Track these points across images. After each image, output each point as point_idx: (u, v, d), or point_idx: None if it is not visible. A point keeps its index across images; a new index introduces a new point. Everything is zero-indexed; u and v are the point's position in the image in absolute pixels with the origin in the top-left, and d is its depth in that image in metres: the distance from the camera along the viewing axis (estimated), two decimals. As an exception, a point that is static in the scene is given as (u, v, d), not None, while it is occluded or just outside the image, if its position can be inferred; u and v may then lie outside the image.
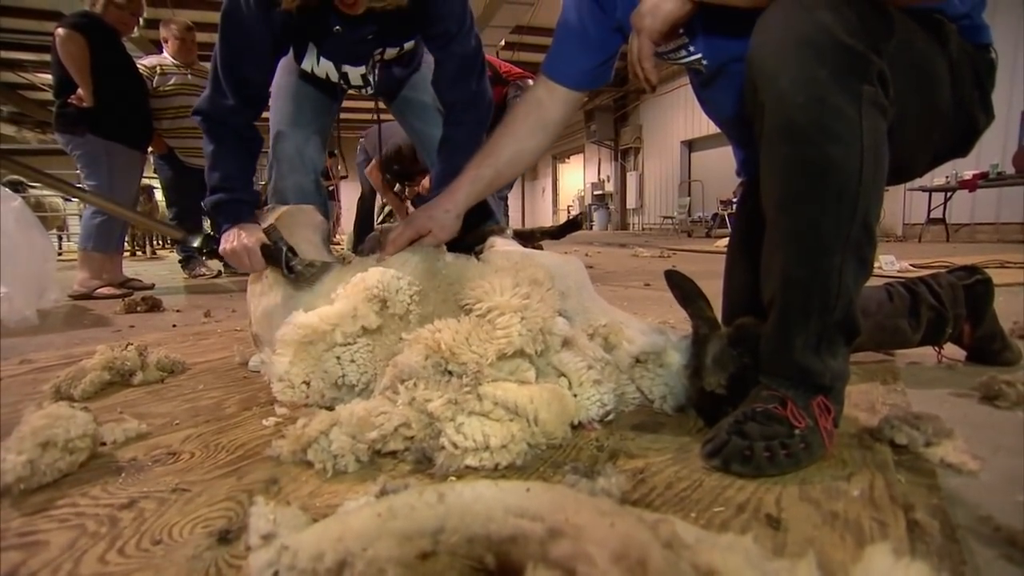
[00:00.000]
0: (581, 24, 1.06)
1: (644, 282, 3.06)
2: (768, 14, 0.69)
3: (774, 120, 0.69)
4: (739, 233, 1.17)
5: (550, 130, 1.14)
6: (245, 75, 1.19)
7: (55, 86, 2.84)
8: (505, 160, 1.11)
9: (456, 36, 1.22)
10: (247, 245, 1.09)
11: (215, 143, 1.21)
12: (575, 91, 1.11)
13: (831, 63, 0.64)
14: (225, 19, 1.16)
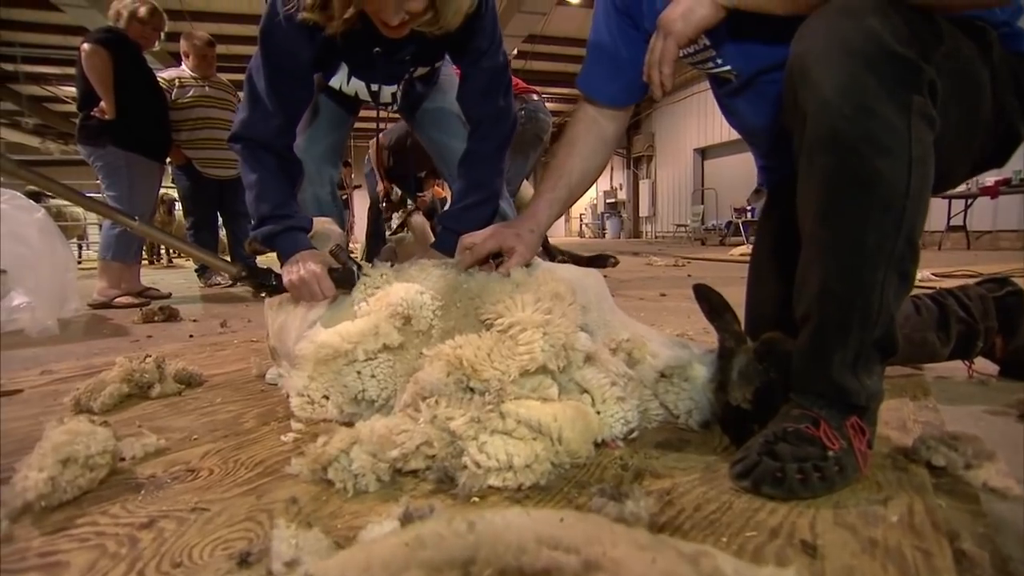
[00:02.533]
0: (614, 43, 1.06)
1: (660, 292, 3.03)
2: (812, 21, 0.67)
3: (817, 130, 0.67)
4: (764, 244, 1.15)
5: (611, 144, 1.16)
6: (292, 93, 1.17)
7: (79, 99, 2.90)
8: (576, 179, 1.13)
9: (487, 52, 1.22)
10: (316, 272, 1.03)
11: (258, 169, 1.17)
12: (623, 108, 1.13)
13: (880, 72, 0.62)
14: (265, 39, 1.13)
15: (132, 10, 2.95)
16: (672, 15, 0.77)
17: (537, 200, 1.13)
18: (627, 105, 1.14)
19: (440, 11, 0.98)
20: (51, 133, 16.12)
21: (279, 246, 1.14)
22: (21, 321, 2.20)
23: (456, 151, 1.39)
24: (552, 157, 1.17)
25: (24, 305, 2.23)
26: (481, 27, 1.10)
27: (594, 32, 1.10)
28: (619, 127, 1.16)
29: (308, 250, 1.12)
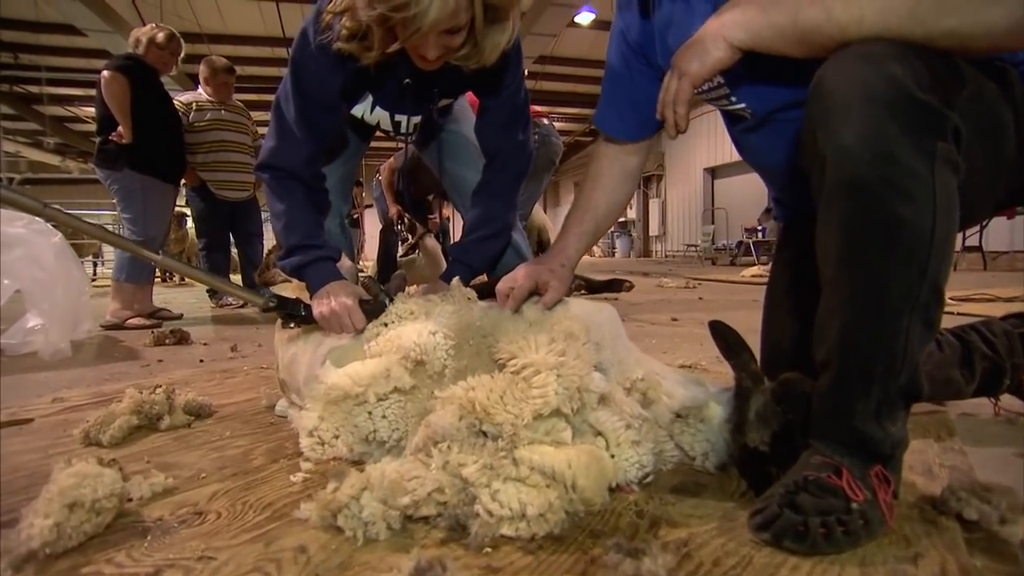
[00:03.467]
0: (628, 81, 1.07)
1: (671, 316, 3.00)
2: (831, 64, 0.66)
3: (838, 175, 0.65)
4: (780, 279, 1.13)
5: (634, 176, 1.16)
6: (321, 121, 1.17)
7: (98, 122, 2.97)
8: (603, 213, 1.14)
9: (511, 87, 1.22)
10: (347, 304, 1.03)
11: (287, 199, 1.16)
12: (641, 141, 1.13)
13: (903, 119, 0.61)
14: (296, 67, 1.13)
15: (150, 36, 3.04)
16: (686, 56, 0.77)
17: (566, 235, 1.13)
18: (649, 136, 1.13)
19: (480, 46, 0.98)
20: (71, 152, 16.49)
21: (308, 277, 1.12)
22: (35, 343, 2.22)
23: (470, 182, 1.39)
24: (578, 192, 1.17)
25: (38, 327, 2.26)
26: (509, 63, 1.10)
27: (608, 70, 1.10)
28: (641, 159, 1.16)
29: (338, 281, 1.10)
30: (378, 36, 0.98)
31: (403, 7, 0.87)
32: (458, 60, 1.02)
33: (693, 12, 0.88)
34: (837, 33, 0.66)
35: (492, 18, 0.95)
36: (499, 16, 0.96)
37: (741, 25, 0.71)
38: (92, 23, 8.68)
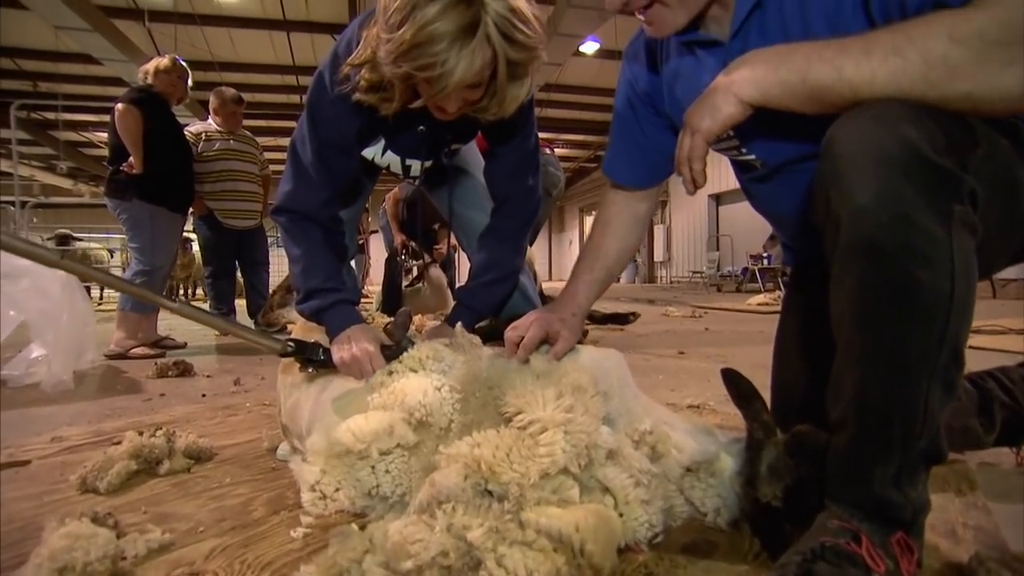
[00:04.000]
0: (636, 129, 1.07)
1: (678, 350, 2.97)
2: (842, 125, 0.65)
3: (852, 236, 0.64)
4: (791, 325, 1.11)
5: (644, 221, 1.16)
6: (338, 164, 1.17)
7: (110, 153, 3.01)
8: (613, 259, 1.14)
9: (522, 132, 1.22)
10: (368, 350, 1.01)
11: (304, 242, 1.16)
12: (650, 188, 1.13)
13: (918, 181, 0.60)
14: (313, 112, 1.14)
15: (155, 65, 3.12)
16: (698, 112, 0.76)
17: (576, 282, 1.12)
18: (659, 182, 1.13)
19: (500, 100, 0.98)
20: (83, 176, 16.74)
21: (328, 321, 1.11)
22: (38, 374, 2.21)
23: (478, 224, 1.38)
24: (588, 239, 1.17)
25: (42, 358, 2.25)
26: (523, 110, 1.10)
27: (617, 118, 1.11)
28: (651, 205, 1.16)
29: (359, 325, 1.09)
30: (400, 91, 0.98)
31: (429, 67, 0.88)
32: (477, 112, 1.02)
33: (702, 66, 0.88)
34: (848, 92, 0.65)
35: (514, 74, 0.95)
36: (520, 72, 0.96)
37: (751, 82, 0.71)
38: (108, 53, 8.91)
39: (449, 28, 0.85)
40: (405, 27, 0.86)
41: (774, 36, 0.78)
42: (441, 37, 0.85)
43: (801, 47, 0.69)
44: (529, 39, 0.91)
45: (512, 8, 0.88)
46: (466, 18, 0.85)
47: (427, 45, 0.86)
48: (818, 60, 0.66)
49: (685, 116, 0.79)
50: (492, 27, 0.87)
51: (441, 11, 0.84)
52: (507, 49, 0.89)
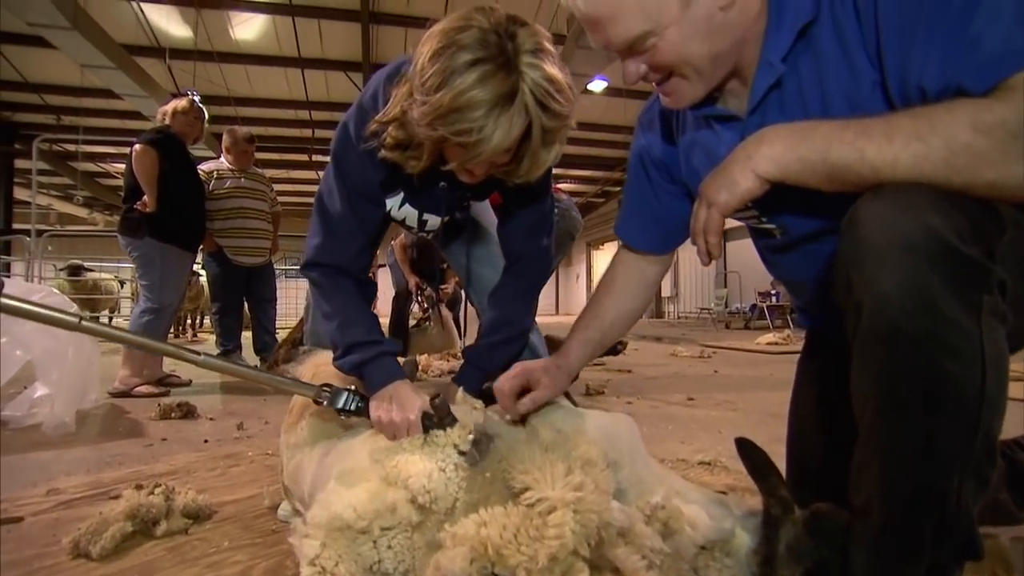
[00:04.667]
0: (650, 195, 1.06)
1: (687, 396, 2.92)
2: (864, 207, 0.64)
3: (876, 324, 0.62)
4: (807, 393, 1.08)
5: (651, 286, 1.14)
6: (368, 212, 1.16)
7: (125, 191, 3.06)
8: (609, 322, 1.11)
9: (539, 193, 1.21)
10: (410, 419, 0.96)
11: (340, 296, 1.13)
12: (663, 254, 1.12)
13: (944, 271, 0.58)
14: (339, 163, 1.13)
15: (173, 107, 3.20)
16: (715, 186, 0.75)
17: (570, 339, 1.10)
18: (673, 248, 1.12)
19: (527, 164, 0.97)
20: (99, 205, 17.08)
21: (370, 375, 1.07)
22: (40, 415, 2.20)
23: (489, 281, 1.37)
24: (592, 295, 1.15)
25: (45, 397, 2.24)
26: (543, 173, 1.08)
27: (630, 184, 1.10)
28: (661, 269, 1.13)
29: (402, 381, 1.05)
30: (429, 152, 0.97)
31: (466, 132, 0.87)
32: (502, 175, 1.02)
33: (719, 139, 0.88)
34: (870, 174, 0.64)
35: (546, 140, 0.94)
36: (551, 139, 0.95)
37: (770, 158, 0.70)
38: (129, 88, 9.18)
39: (488, 96, 0.84)
40: (443, 91, 0.85)
41: (793, 113, 0.78)
42: (480, 104, 0.85)
43: (821, 126, 0.68)
44: (563, 107, 0.90)
45: (549, 77, 0.87)
46: (505, 86, 0.85)
47: (465, 111, 0.85)
48: (839, 141, 0.65)
49: (701, 187, 0.78)
50: (529, 95, 0.86)
51: (481, 78, 0.84)
52: (542, 117, 0.89)
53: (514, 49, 0.87)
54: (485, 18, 0.89)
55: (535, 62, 0.87)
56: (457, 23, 0.89)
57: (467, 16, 0.90)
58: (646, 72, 0.81)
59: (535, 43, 0.88)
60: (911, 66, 0.65)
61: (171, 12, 9.92)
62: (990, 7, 0.60)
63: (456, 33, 0.87)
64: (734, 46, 0.77)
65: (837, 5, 0.71)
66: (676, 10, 0.73)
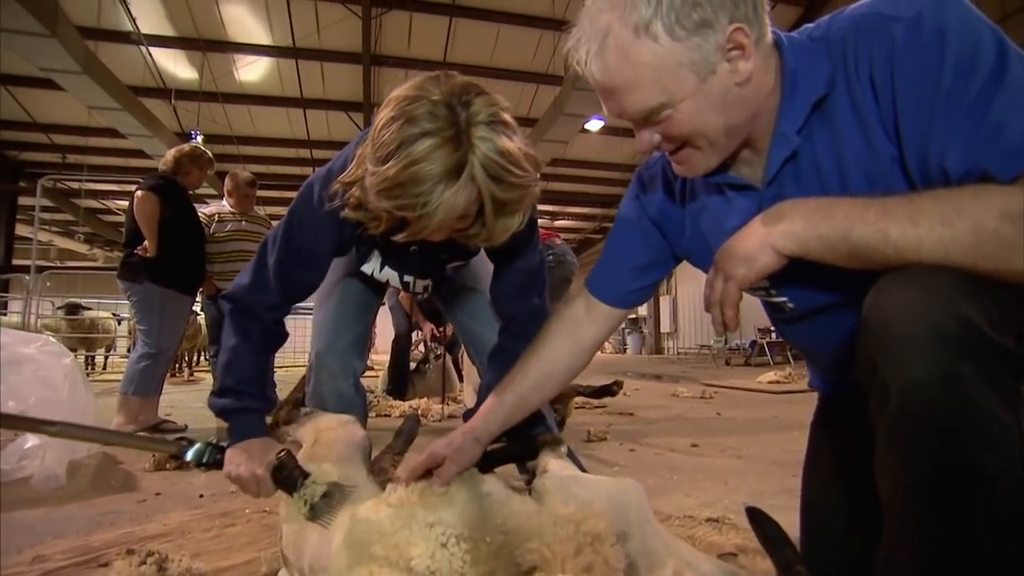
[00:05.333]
0: (637, 249, 1.05)
1: (691, 441, 2.87)
2: (888, 290, 0.63)
3: (907, 412, 0.60)
4: (820, 461, 1.05)
5: (585, 351, 1.08)
6: (299, 276, 1.15)
7: (126, 236, 3.07)
8: (528, 386, 1.06)
9: (525, 252, 1.19)
10: (256, 474, 1.01)
11: (239, 337, 1.13)
12: (617, 309, 1.07)
13: (978, 361, 0.57)
14: (292, 219, 1.12)
15: (177, 153, 3.24)
16: (732, 259, 0.74)
17: (487, 402, 1.08)
18: (629, 307, 1.09)
19: (488, 228, 0.95)
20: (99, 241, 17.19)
21: (232, 425, 1.10)
22: (30, 467, 2.14)
23: (488, 340, 1.36)
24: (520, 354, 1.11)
25: (36, 448, 2.19)
26: (520, 231, 1.07)
27: (615, 233, 1.08)
28: (604, 332, 1.08)
29: (260, 439, 1.08)
30: (385, 219, 0.97)
31: (410, 207, 0.86)
32: (465, 238, 1.01)
33: (731, 207, 0.87)
34: (894, 255, 0.63)
35: (502, 211, 0.93)
36: (511, 208, 0.94)
37: (790, 235, 0.69)
38: (134, 128, 9.34)
39: (433, 170, 0.83)
40: (390, 163, 0.84)
41: (811, 186, 0.78)
42: (425, 179, 0.83)
43: (841, 204, 0.67)
44: (519, 178, 0.89)
45: (501, 150, 0.86)
46: (452, 160, 0.84)
47: (409, 185, 0.84)
48: (860, 221, 0.64)
49: (717, 258, 0.77)
50: (479, 168, 0.85)
51: (427, 152, 0.83)
52: (494, 189, 0.87)
53: (466, 120, 0.85)
54: (438, 88, 0.88)
55: (487, 135, 0.86)
56: (411, 92, 0.88)
57: (421, 86, 0.89)
58: (660, 142, 0.80)
59: (490, 114, 0.87)
60: (931, 145, 0.65)
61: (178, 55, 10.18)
62: (1010, 91, 0.60)
63: (407, 104, 0.86)
64: (748, 119, 0.77)
65: (853, 80, 0.71)
66: (693, 84, 0.73)
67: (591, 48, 0.74)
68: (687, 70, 0.72)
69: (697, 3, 0.69)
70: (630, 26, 0.71)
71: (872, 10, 0.70)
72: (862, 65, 0.70)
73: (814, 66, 0.74)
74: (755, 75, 0.74)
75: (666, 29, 0.70)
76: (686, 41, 0.70)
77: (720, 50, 0.71)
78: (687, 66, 0.71)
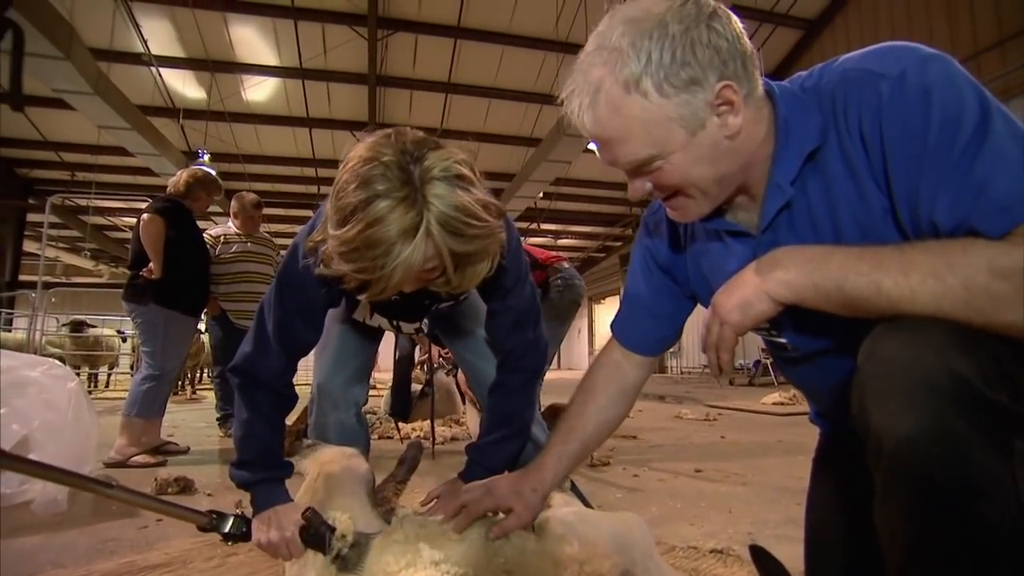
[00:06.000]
0: (652, 298, 1.06)
1: (695, 467, 2.85)
2: (883, 341, 0.64)
3: (901, 465, 0.60)
4: (822, 501, 1.04)
5: (631, 395, 1.10)
6: (299, 335, 1.16)
7: (131, 258, 3.08)
8: (591, 432, 1.08)
9: (513, 289, 1.19)
10: (286, 537, 1.01)
11: (250, 410, 1.15)
12: (651, 357, 1.10)
13: (973, 417, 0.57)
14: (282, 281, 1.13)
15: (184, 176, 3.23)
16: (728, 304, 0.75)
17: (546, 454, 1.07)
18: (662, 352, 1.11)
19: (452, 279, 0.95)
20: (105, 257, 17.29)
21: (255, 496, 1.12)
22: (31, 491, 2.14)
23: (488, 374, 1.36)
24: (570, 403, 1.12)
25: (9, 454, 2.18)
26: (504, 268, 1.07)
27: (631, 283, 1.10)
28: (643, 376, 1.11)
29: (284, 505, 1.09)
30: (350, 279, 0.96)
31: (367, 270, 0.87)
32: (435, 288, 1.01)
33: (729, 252, 0.89)
34: (887, 305, 0.64)
35: (464, 262, 0.93)
36: (474, 259, 0.94)
37: (785, 283, 0.70)
38: (142, 147, 9.46)
39: (390, 231, 0.83)
40: (348, 226, 0.85)
41: (805, 234, 0.79)
42: (381, 240, 0.84)
43: (835, 254, 0.69)
44: (478, 230, 0.89)
45: (456, 205, 0.86)
46: (407, 219, 0.83)
47: (365, 249, 0.85)
48: (854, 272, 0.65)
49: (714, 303, 0.78)
50: (435, 224, 0.85)
51: (384, 212, 0.83)
52: (452, 244, 0.87)
53: (420, 177, 0.85)
54: (392, 148, 0.87)
55: (441, 192, 0.85)
56: (365, 154, 0.88)
57: (375, 147, 0.88)
58: (652, 190, 0.82)
59: (443, 168, 0.87)
60: (921, 200, 0.66)
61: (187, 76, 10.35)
62: (993, 150, 0.61)
63: (361, 165, 0.86)
64: (740, 169, 0.79)
65: (844, 133, 0.73)
66: (683, 138, 0.74)
67: (583, 101, 0.76)
68: (676, 125, 0.73)
69: (686, 62, 0.71)
70: (620, 82, 0.73)
71: (860, 65, 0.72)
72: (852, 119, 0.71)
73: (806, 117, 0.75)
74: (745, 128, 0.75)
75: (655, 86, 0.71)
76: (675, 98, 0.72)
77: (709, 106, 0.73)
78: (676, 121, 0.73)
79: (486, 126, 12.15)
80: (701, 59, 0.71)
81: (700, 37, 0.71)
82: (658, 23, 0.71)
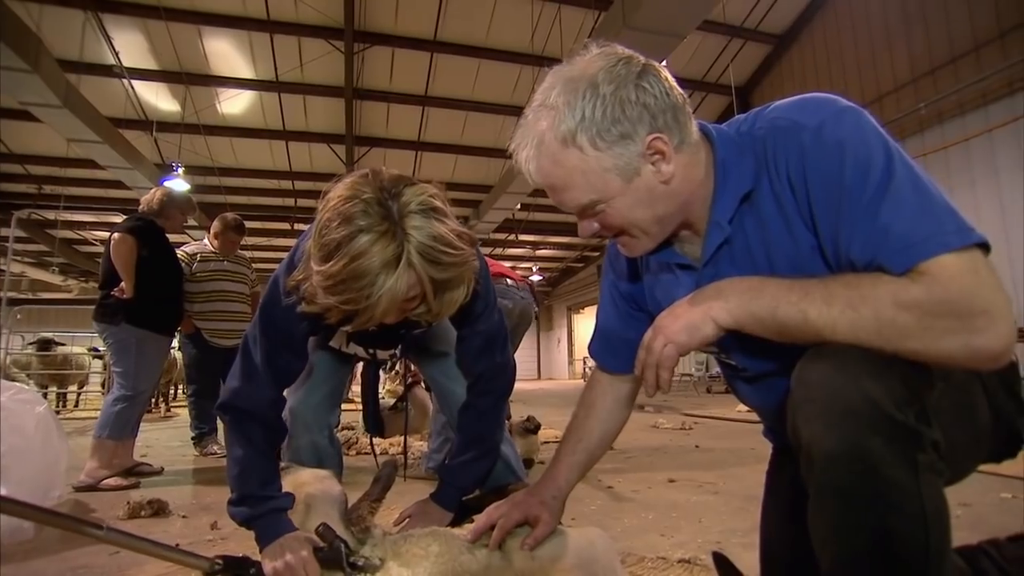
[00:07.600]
0: (623, 325, 1.12)
1: (668, 476, 2.91)
2: (809, 369, 0.71)
3: (826, 480, 0.68)
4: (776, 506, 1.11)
5: (628, 403, 1.17)
6: (286, 365, 1.19)
7: (102, 277, 3.04)
8: (595, 442, 1.14)
9: (482, 315, 1.24)
10: (303, 557, 1.01)
11: (244, 445, 1.16)
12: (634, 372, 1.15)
13: (882, 435, 0.65)
14: (264, 315, 1.16)
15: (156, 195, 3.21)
16: (675, 327, 0.80)
17: (557, 464, 1.13)
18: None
19: (432, 307, 1.00)
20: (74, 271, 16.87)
21: (259, 531, 1.11)
22: (-2, 518, 2.10)
23: (459, 396, 1.40)
24: (572, 419, 1.18)
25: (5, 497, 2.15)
26: (476, 294, 1.12)
27: (603, 315, 1.17)
28: (635, 386, 1.17)
29: (291, 534, 1.08)
30: (335, 312, 1.00)
31: (354, 301, 0.92)
32: (415, 316, 1.06)
33: (678, 282, 0.95)
34: (812, 333, 0.71)
35: (443, 288, 0.99)
36: (451, 284, 1.00)
37: (726, 311, 0.77)
38: (113, 160, 9.31)
39: (374, 262, 0.89)
40: (333, 261, 0.90)
41: (743, 265, 0.86)
42: (366, 272, 0.89)
43: (769, 285, 0.75)
44: (454, 257, 0.95)
45: (434, 235, 0.92)
46: (390, 251, 0.89)
47: (352, 281, 0.90)
48: (785, 301, 0.73)
49: (658, 324, 0.83)
50: (415, 254, 0.91)
51: (367, 245, 0.89)
52: (431, 271, 0.93)
53: (399, 212, 0.91)
54: (371, 186, 0.93)
55: (419, 224, 0.91)
56: (345, 193, 0.93)
57: (354, 187, 0.94)
58: (599, 229, 0.89)
59: (420, 202, 0.93)
60: (840, 240, 0.74)
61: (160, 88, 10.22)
62: (895, 197, 0.69)
63: (343, 204, 0.92)
64: (679, 208, 0.86)
65: (774, 176, 0.81)
66: (619, 185, 0.81)
67: (529, 153, 0.83)
68: (613, 174, 0.80)
69: (616, 119, 0.78)
70: (559, 137, 0.80)
71: (786, 115, 0.80)
72: (780, 165, 0.79)
73: (741, 161, 0.83)
74: (679, 172, 0.82)
75: (589, 141, 0.79)
76: (608, 151, 0.79)
77: (642, 156, 0.80)
78: (612, 171, 0.80)
79: (463, 138, 12.23)
80: (631, 116, 0.78)
81: (629, 96, 0.78)
82: (590, 84, 0.78)
